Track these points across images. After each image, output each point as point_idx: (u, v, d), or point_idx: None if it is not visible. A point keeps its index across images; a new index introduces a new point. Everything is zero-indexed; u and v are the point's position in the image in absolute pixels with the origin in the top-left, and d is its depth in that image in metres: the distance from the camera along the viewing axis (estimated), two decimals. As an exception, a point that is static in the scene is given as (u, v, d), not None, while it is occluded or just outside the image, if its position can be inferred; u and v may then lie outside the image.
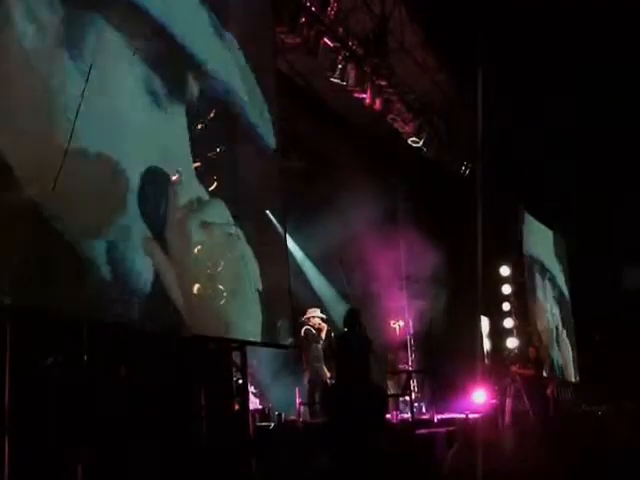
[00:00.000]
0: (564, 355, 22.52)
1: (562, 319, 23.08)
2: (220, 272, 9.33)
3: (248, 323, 9.76)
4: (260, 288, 10.05)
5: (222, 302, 9.27)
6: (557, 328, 22.50)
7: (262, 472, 8.68)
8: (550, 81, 17.01)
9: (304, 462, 8.59)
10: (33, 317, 6.75)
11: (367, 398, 6.53)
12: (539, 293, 21.66)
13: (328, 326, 13.48)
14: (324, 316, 13.73)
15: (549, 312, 22.10)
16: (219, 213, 9.51)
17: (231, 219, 9.64)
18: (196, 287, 8.85)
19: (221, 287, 9.28)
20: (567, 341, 23.10)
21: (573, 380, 22.69)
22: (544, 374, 17.08)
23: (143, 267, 7.97)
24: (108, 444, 6.95)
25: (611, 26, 15.31)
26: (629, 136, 18.70)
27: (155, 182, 8.35)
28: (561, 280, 23.68)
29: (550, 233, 23.03)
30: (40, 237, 6.80)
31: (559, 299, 23.12)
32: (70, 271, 7.11)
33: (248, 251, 9.97)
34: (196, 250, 8.96)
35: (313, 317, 13.44)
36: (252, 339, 10.01)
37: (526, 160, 18.81)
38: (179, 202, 8.76)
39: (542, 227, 22.36)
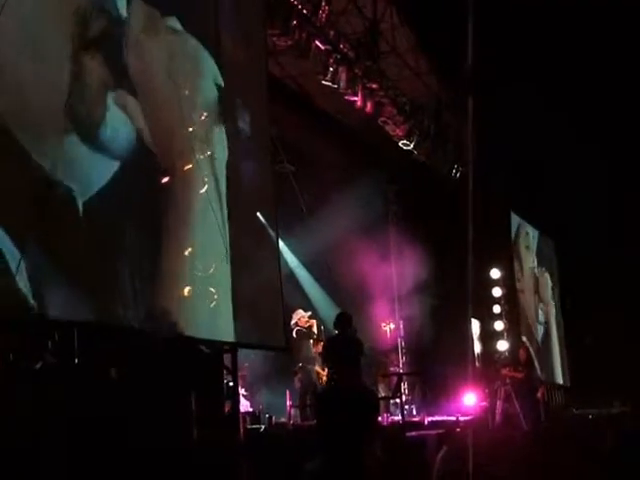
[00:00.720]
0: (554, 358, 22.56)
1: (552, 321, 23.12)
2: (211, 274, 9.32)
3: (239, 325, 9.75)
4: (252, 290, 10.05)
5: (213, 304, 9.27)
6: (547, 330, 22.54)
7: (252, 474, 8.67)
8: (542, 81, 17.08)
9: (294, 465, 8.58)
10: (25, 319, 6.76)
11: (359, 401, 6.51)
12: (529, 295, 21.70)
13: (317, 321, 13.60)
14: (309, 313, 13.83)
15: (539, 314, 22.14)
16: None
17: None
18: (187, 290, 8.85)
19: (212, 290, 9.28)
20: (557, 344, 23.14)
21: (563, 383, 22.73)
22: (534, 377, 17.11)
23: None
24: (98, 445, 6.94)
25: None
26: (621, 137, 18.79)
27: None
28: (550, 282, 23.70)
29: (539, 234, 23.04)
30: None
31: (549, 301, 23.14)
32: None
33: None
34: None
35: (300, 318, 13.52)
36: (243, 341, 10.02)
37: (516, 162, 18.85)
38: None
39: (531, 228, 22.38)
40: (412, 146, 16.42)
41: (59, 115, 7.22)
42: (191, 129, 9.24)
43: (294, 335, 13.06)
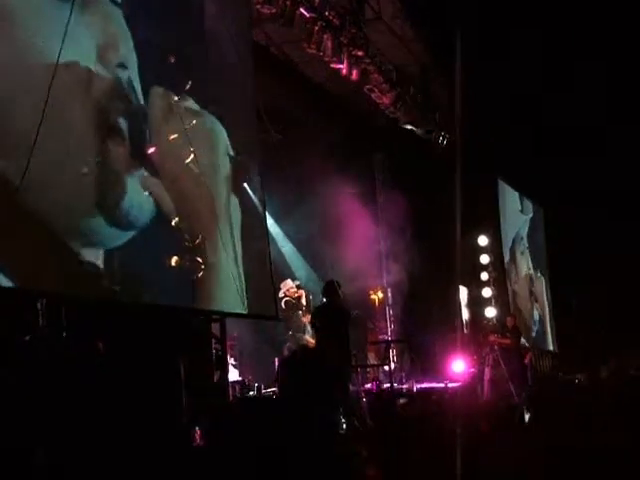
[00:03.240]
0: (542, 324, 22.69)
1: (540, 287, 23.21)
2: (198, 244, 9.32)
3: (229, 295, 9.77)
4: (241, 260, 10.07)
5: (200, 274, 9.28)
6: (535, 296, 22.64)
7: (239, 443, 8.71)
8: (529, 47, 17.04)
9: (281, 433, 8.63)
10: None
11: (317, 368, 6.52)
12: (517, 262, 21.78)
13: (305, 291, 13.65)
14: (298, 282, 13.87)
15: (527, 280, 22.23)
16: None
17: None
18: (174, 259, 8.85)
19: (199, 259, 9.28)
20: (545, 309, 23.26)
21: (551, 349, 22.87)
22: (522, 343, 17.21)
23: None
24: (88, 416, 6.97)
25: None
26: (605, 104, 18.80)
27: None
28: (538, 248, 23.76)
29: (527, 201, 23.06)
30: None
31: (537, 267, 23.22)
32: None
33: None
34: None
35: (288, 288, 13.57)
36: (233, 311, 10.05)
37: (504, 129, 18.83)
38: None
39: (519, 195, 22.40)
40: (399, 114, 16.38)
41: (89, 201, 7.78)
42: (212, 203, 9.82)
43: (283, 306, 13.11)
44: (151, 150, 8.82)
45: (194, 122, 9.64)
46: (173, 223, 9.03)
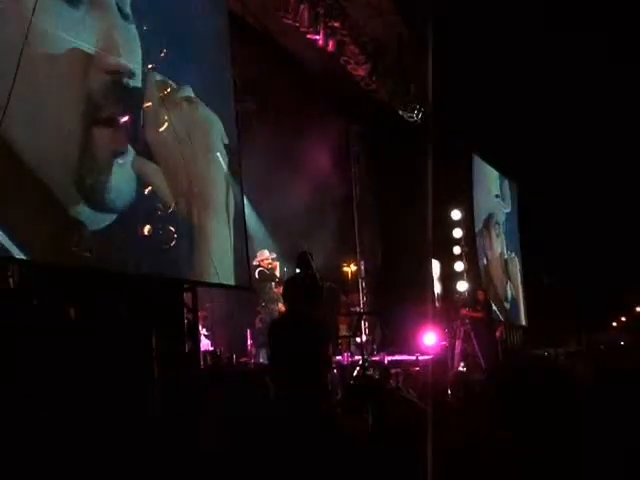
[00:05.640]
0: (515, 301, 22.84)
1: (512, 262, 23.34)
2: (171, 212, 9.30)
3: (200, 263, 9.77)
4: (215, 230, 10.09)
5: (173, 243, 9.26)
6: (507, 271, 22.77)
7: (212, 412, 8.75)
8: (506, 26, 17.04)
9: (254, 403, 8.68)
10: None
11: (308, 330, 6.55)
12: (491, 239, 21.85)
13: (279, 263, 13.65)
14: (274, 255, 13.86)
15: (499, 255, 22.33)
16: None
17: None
18: (147, 228, 8.83)
19: (172, 228, 9.26)
20: (519, 290, 23.41)
21: (523, 323, 23.06)
22: (493, 317, 17.35)
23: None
24: (57, 383, 6.96)
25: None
26: (585, 82, 18.89)
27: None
28: (511, 223, 23.86)
29: (500, 176, 23.10)
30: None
31: (508, 242, 23.33)
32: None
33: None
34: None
35: (263, 259, 13.57)
36: (205, 280, 10.05)
37: (478, 103, 18.85)
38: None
39: (492, 170, 22.44)
40: (374, 86, 16.32)
41: (71, 188, 7.82)
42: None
43: (256, 276, 13.10)
44: (146, 135, 9.01)
45: (189, 109, 9.94)
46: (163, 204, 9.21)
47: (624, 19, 16.96)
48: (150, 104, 9.17)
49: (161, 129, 9.32)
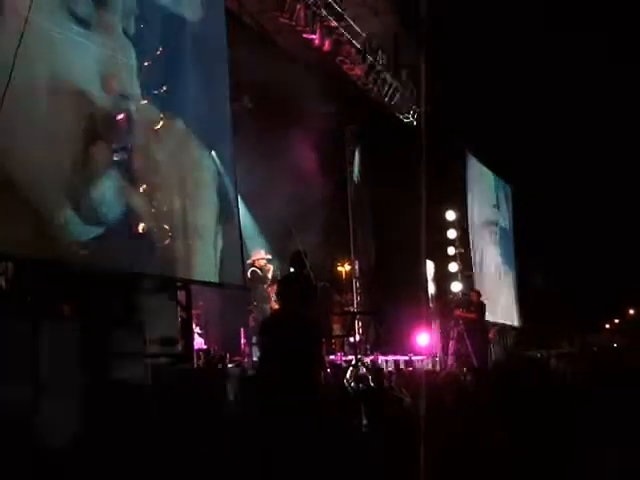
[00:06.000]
0: (507, 299, 22.86)
1: (505, 263, 23.36)
2: (166, 212, 9.29)
3: (194, 262, 9.76)
4: (209, 229, 10.09)
5: (167, 242, 9.25)
6: (500, 272, 22.79)
7: (206, 410, 8.73)
8: (503, 27, 17.08)
9: (248, 400, 8.67)
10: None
11: (300, 329, 6.54)
12: (483, 237, 21.85)
13: (273, 266, 13.59)
14: (269, 257, 13.81)
15: (493, 256, 22.35)
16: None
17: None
18: (141, 226, 8.82)
19: (166, 227, 9.25)
20: (510, 285, 23.43)
21: (516, 324, 23.08)
22: (486, 318, 17.36)
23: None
24: (52, 378, 6.95)
25: None
26: (584, 81, 18.91)
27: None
28: (504, 223, 23.88)
29: (494, 177, 23.11)
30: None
31: (502, 242, 23.34)
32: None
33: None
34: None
35: (258, 259, 13.52)
36: (199, 279, 10.04)
37: (474, 103, 18.86)
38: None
39: (487, 171, 22.45)
40: (370, 85, 16.33)
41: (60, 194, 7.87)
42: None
43: (249, 275, 13.05)
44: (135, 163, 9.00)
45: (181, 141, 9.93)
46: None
47: (624, 19, 16.97)
48: (141, 134, 9.22)
49: (150, 158, 9.33)
